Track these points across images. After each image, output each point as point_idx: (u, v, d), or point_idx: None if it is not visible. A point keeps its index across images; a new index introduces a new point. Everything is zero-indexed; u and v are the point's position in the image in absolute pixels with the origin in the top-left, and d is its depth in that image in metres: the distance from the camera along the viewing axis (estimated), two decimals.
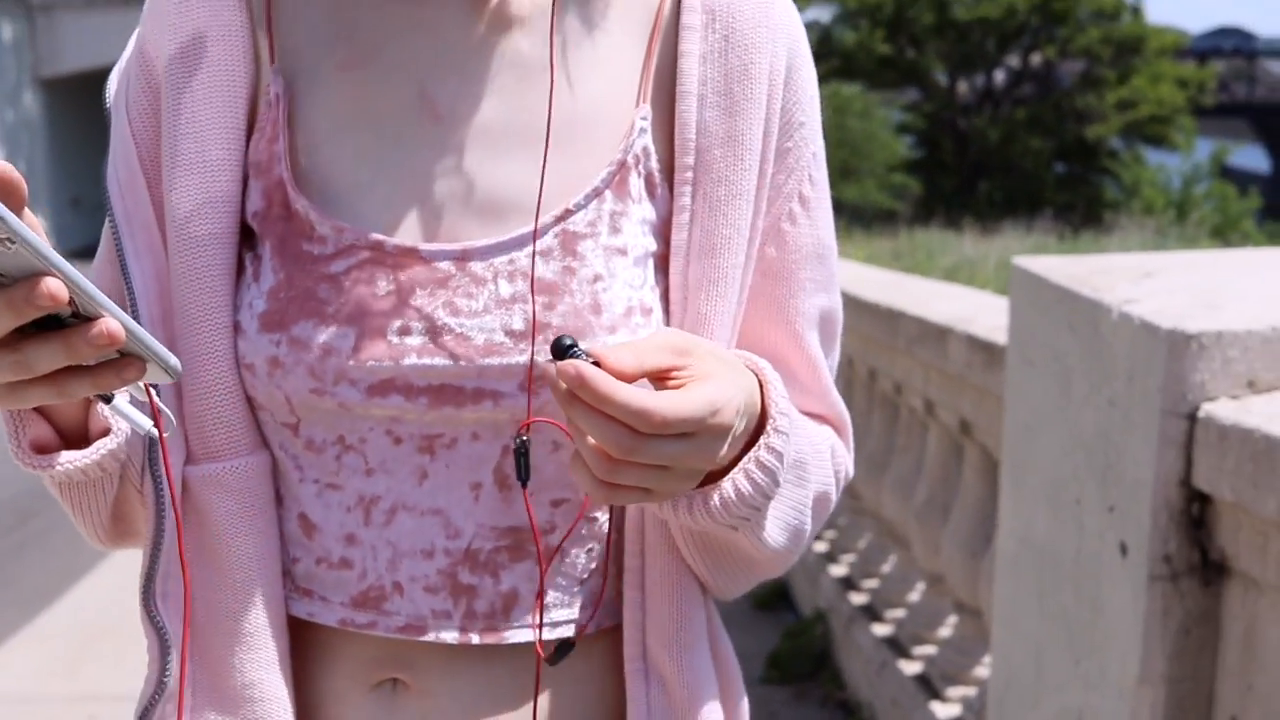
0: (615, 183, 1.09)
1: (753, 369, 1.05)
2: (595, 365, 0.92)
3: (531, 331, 1.05)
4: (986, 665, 3.71)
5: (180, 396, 1.10)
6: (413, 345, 1.05)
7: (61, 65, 28.55)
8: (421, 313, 1.06)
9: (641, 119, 1.11)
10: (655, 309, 1.10)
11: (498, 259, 1.06)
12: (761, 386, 1.04)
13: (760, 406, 1.03)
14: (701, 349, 0.99)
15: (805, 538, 1.16)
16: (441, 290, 1.06)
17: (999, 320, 3.39)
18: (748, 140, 1.10)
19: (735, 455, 1.02)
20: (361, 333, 1.06)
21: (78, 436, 1.13)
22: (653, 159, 1.11)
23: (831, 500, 1.21)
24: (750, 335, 1.15)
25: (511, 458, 1.09)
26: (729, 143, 1.09)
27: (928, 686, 4.06)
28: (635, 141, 1.10)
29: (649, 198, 1.11)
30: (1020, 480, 2.71)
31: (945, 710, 3.86)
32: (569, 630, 1.14)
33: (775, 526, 1.09)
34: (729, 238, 1.09)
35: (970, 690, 3.85)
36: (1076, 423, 2.37)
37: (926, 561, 4.14)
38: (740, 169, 1.10)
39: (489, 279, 1.06)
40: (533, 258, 1.06)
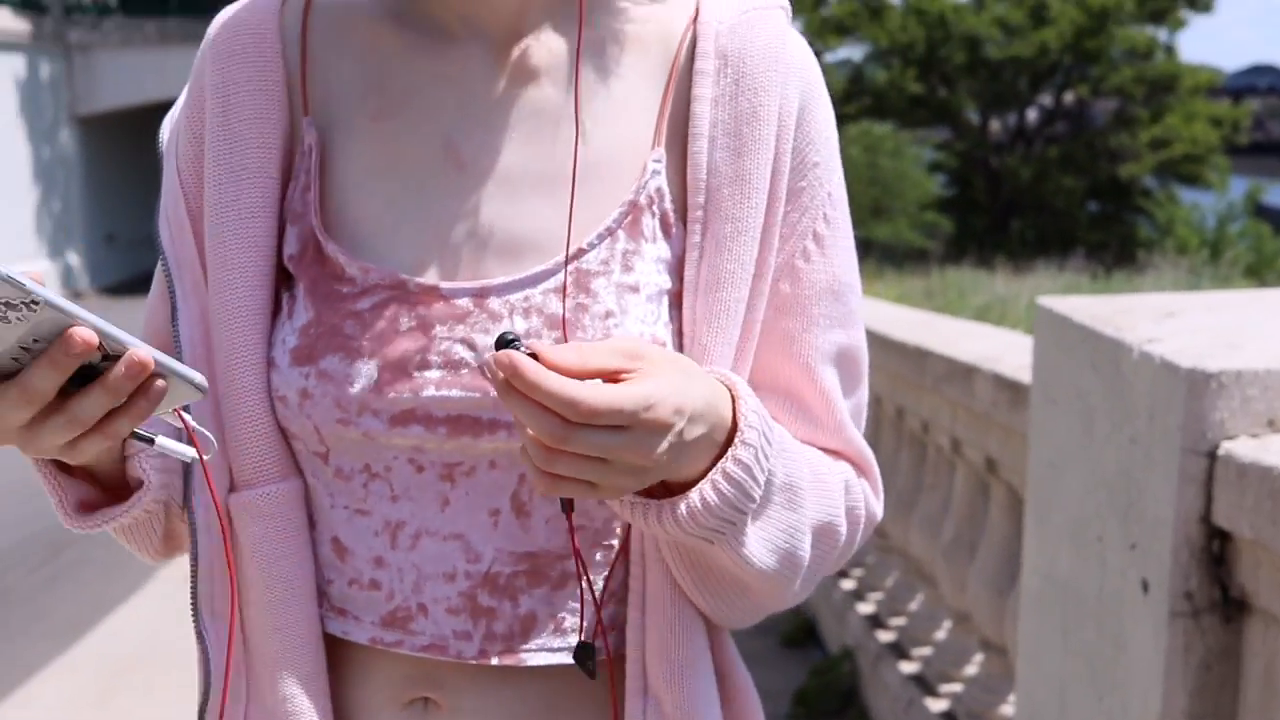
0: (628, 223, 1.13)
1: (725, 383, 1.07)
2: (533, 358, 0.96)
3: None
4: (1012, 703, 3.71)
5: (220, 429, 1.16)
6: (432, 378, 1.10)
7: (97, 103, 28.84)
8: (441, 347, 1.11)
9: (655, 161, 1.15)
10: (668, 343, 1.13)
11: (514, 296, 1.11)
12: (734, 401, 1.07)
13: (731, 420, 1.06)
14: (655, 355, 1.02)
15: (802, 565, 1.15)
16: (460, 326, 1.11)
17: (1025, 360, 3.41)
18: (755, 179, 1.13)
19: (706, 466, 1.05)
20: (384, 366, 1.11)
21: (117, 482, 1.19)
22: (667, 199, 1.15)
23: (840, 534, 1.20)
24: (764, 370, 1.17)
25: (527, 485, 1.13)
26: (736, 182, 1.13)
27: None
28: (648, 183, 1.14)
29: (664, 237, 1.15)
30: (1044, 517, 2.73)
31: None
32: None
33: (761, 547, 1.10)
34: (733, 272, 1.12)
35: None
36: (1099, 461, 2.38)
37: (953, 599, 4.15)
38: (746, 207, 1.13)
39: (505, 315, 1.11)
40: (564, 290, 1.11)
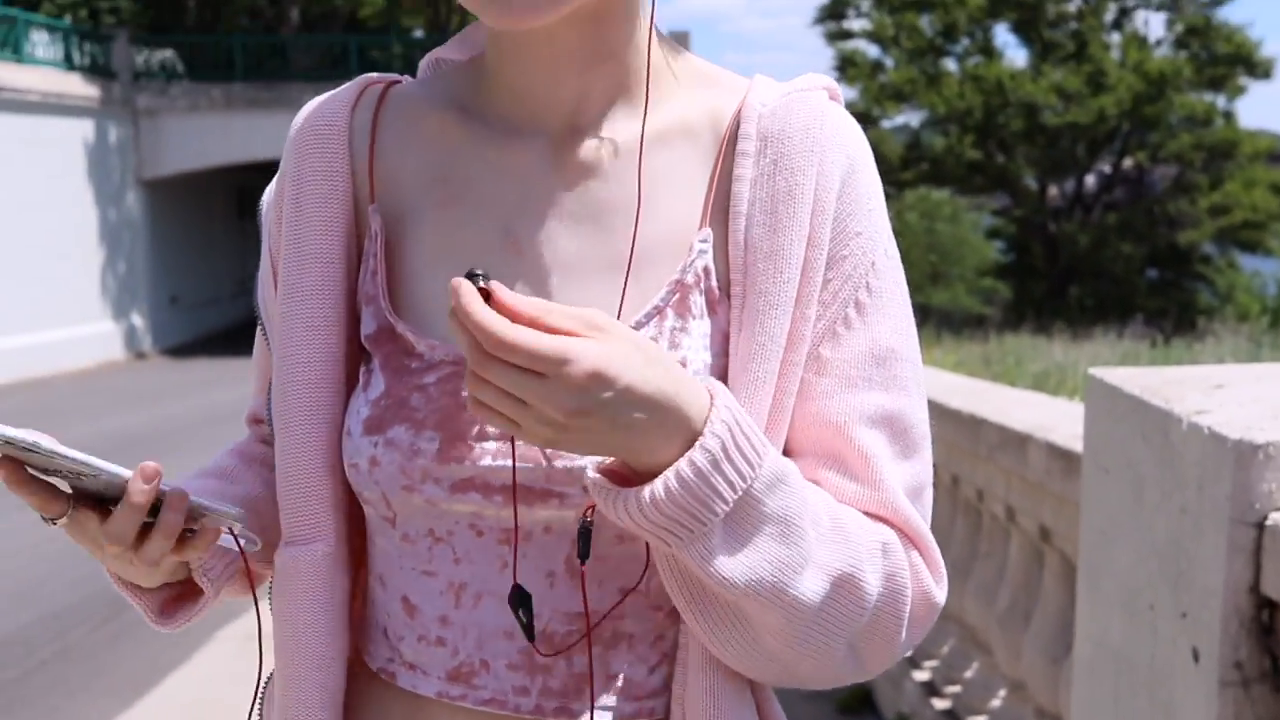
0: (675, 301, 1.19)
1: (708, 389, 1.09)
2: (485, 294, 1.02)
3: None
4: None
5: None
6: (489, 449, 1.17)
7: (163, 167, 29.29)
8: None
9: (701, 241, 1.20)
10: None
11: None
12: (713, 402, 1.08)
13: (704, 424, 1.07)
14: (617, 331, 1.04)
15: (803, 608, 1.12)
16: None
17: (1078, 429, 3.43)
18: (788, 254, 1.17)
19: (672, 462, 1.07)
20: (445, 437, 1.18)
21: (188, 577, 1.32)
22: (713, 277, 1.20)
23: (866, 593, 1.15)
24: (804, 433, 1.20)
25: (579, 549, 1.18)
26: (770, 257, 1.17)
27: None
28: (695, 262, 1.20)
29: (710, 314, 1.20)
30: (1096, 586, 2.75)
31: None
32: (632, 712, 1.22)
33: (736, 566, 1.09)
34: (763, 345, 1.16)
35: None
36: (1150, 529, 2.41)
37: (1008, 667, 4.15)
38: (779, 281, 1.16)
39: None
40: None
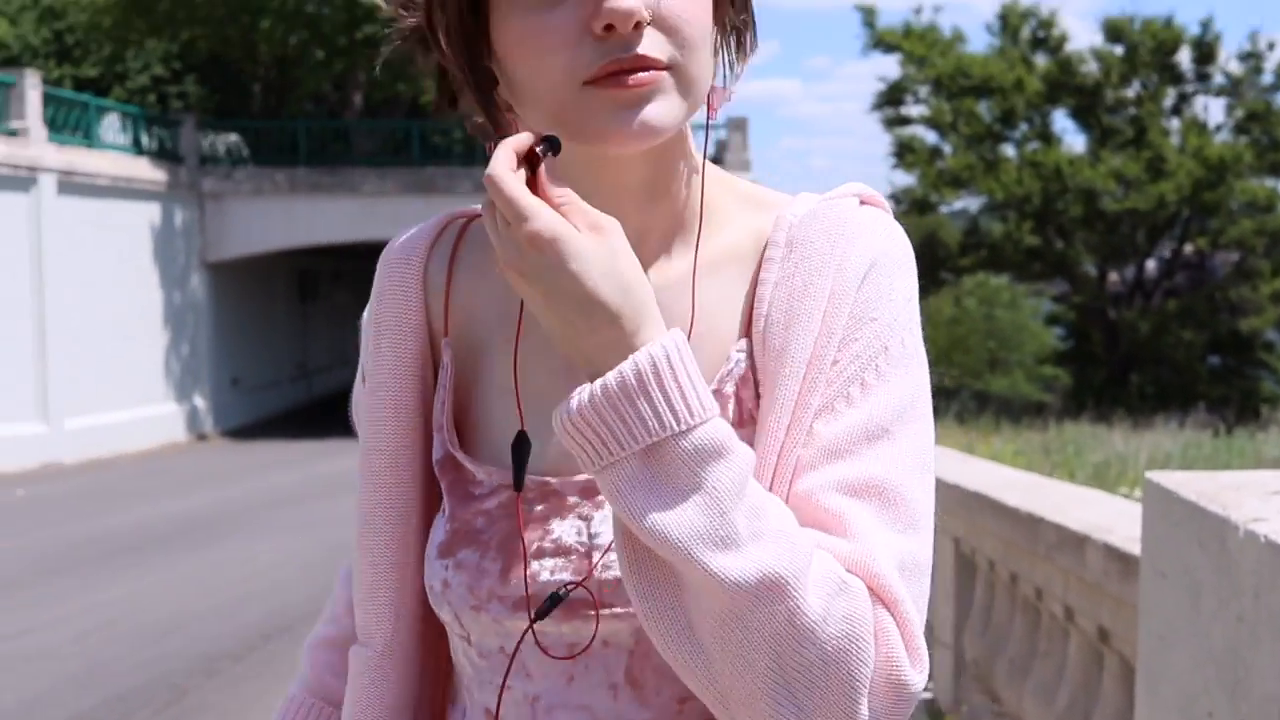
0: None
1: (668, 333, 1.10)
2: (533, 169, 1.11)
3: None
4: None
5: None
6: (546, 565, 1.23)
7: (227, 250, 29.71)
8: (553, 536, 1.24)
9: (737, 352, 1.24)
10: None
11: None
12: (657, 339, 1.09)
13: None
14: (608, 236, 1.09)
15: (721, 589, 1.07)
16: (570, 516, 1.25)
17: (1136, 530, 3.42)
18: (795, 351, 1.19)
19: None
20: (507, 556, 1.25)
21: None
22: (750, 384, 1.24)
23: (800, 610, 1.08)
24: (792, 495, 1.18)
25: (638, 659, 1.22)
26: (780, 355, 1.20)
27: None
28: (732, 371, 1.23)
29: (750, 421, 1.23)
30: (1154, 690, 2.74)
31: None
32: None
33: (647, 510, 1.07)
34: (764, 441, 1.18)
35: None
36: (1207, 636, 2.40)
37: None
38: (782, 377, 1.19)
39: (606, 504, 1.22)
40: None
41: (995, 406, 30.96)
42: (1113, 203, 36.93)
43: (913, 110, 39.79)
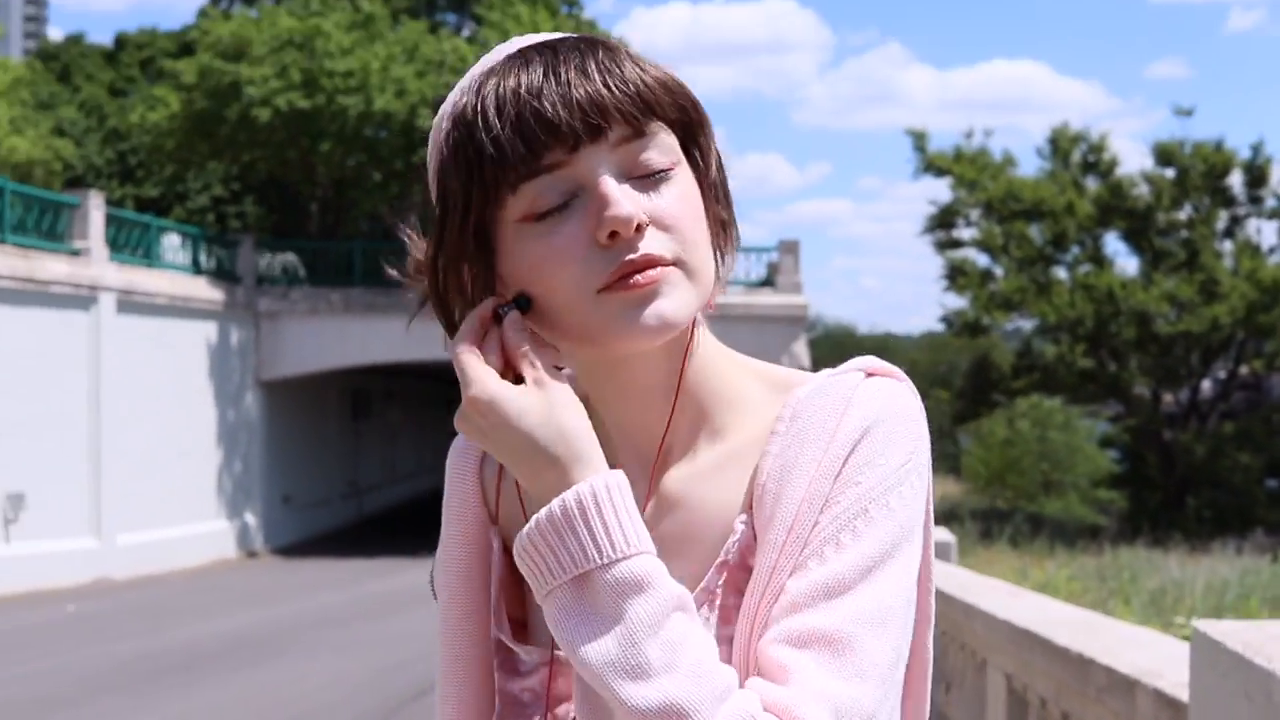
0: (725, 581, 1.27)
1: (603, 474, 1.19)
2: (497, 318, 1.25)
3: None
4: None
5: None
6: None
7: (281, 369, 30.03)
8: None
9: (740, 523, 1.28)
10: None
11: None
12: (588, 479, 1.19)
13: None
14: (547, 386, 1.21)
15: (627, 707, 1.14)
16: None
17: (1186, 675, 3.39)
18: (781, 517, 1.23)
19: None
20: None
21: None
22: (754, 550, 1.27)
23: None
24: (756, 649, 1.22)
25: None
26: (769, 523, 1.24)
27: None
28: (737, 541, 1.27)
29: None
30: None
31: None
32: None
33: (576, 638, 1.16)
34: (747, 600, 1.23)
35: None
36: None
37: None
38: (765, 543, 1.24)
39: None
40: None
41: (1049, 529, 30.69)
42: (1166, 325, 36.77)
43: (964, 233, 39.85)
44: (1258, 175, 38.40)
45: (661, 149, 1.25)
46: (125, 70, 43.46)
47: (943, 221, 39.60)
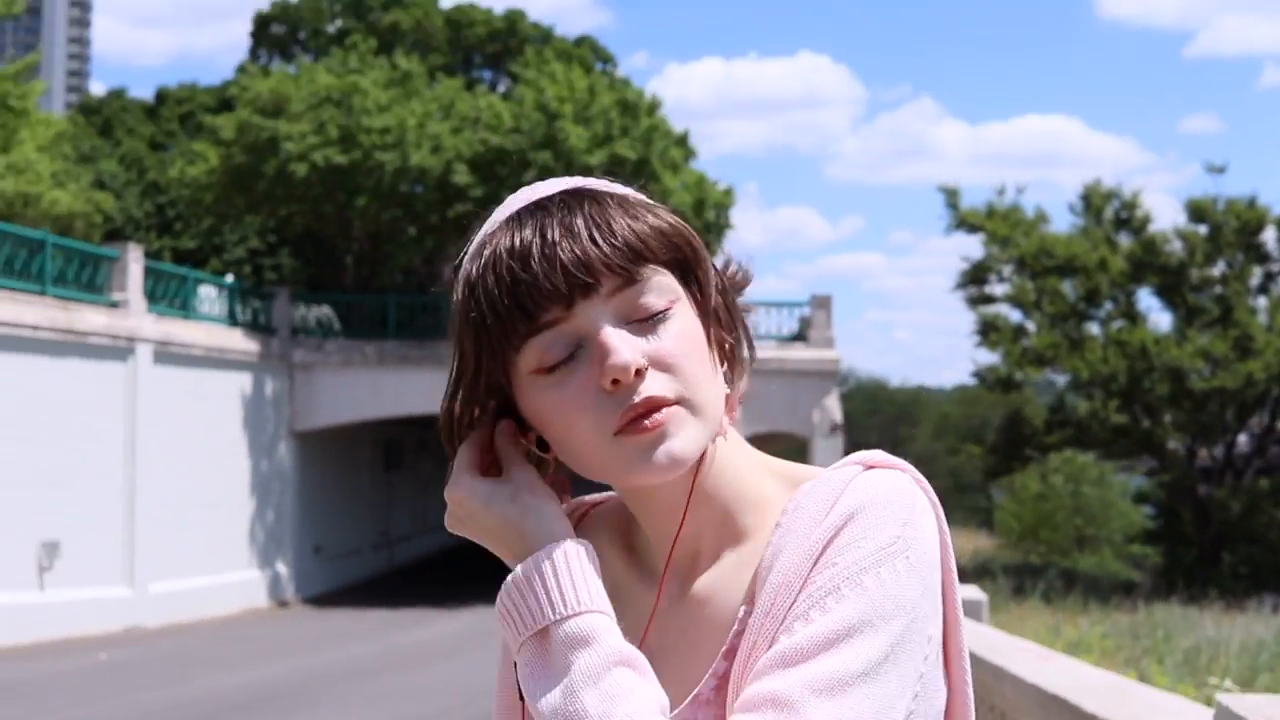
0: (723, 671, 1.33)
1: (559, 544, 1.29)
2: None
3: None
4: None
5: None
6: None
7: (314, 420, 30.19)
8: None
9: (743, 612, 1.34)
10: None
11: None
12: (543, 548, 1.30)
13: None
14: (515, 479, 1.34)
15: None
16: None
17: None
18: (762, 603, 1.30)
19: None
20: None
21: None
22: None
23: None
24: None
25: None
26: (758, 608, 1.31)
27: None
28: (735, 631, 1.34)
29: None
30: None
31: None
32: None
33: (534, 690, 1.25)
34: (729, 688, 1.30)
35: None
36: None
37: None
38: (750, 627, 1.30)
39: None
40: None
41: (1083, 585, 30.45)
42: (1200, 381, 36.56)
43: (996, 289, 39.80)
44: None
45: (658, 291, 1.32)
46: (165, 124, 43.95)
47: (975, 277, 39.52)
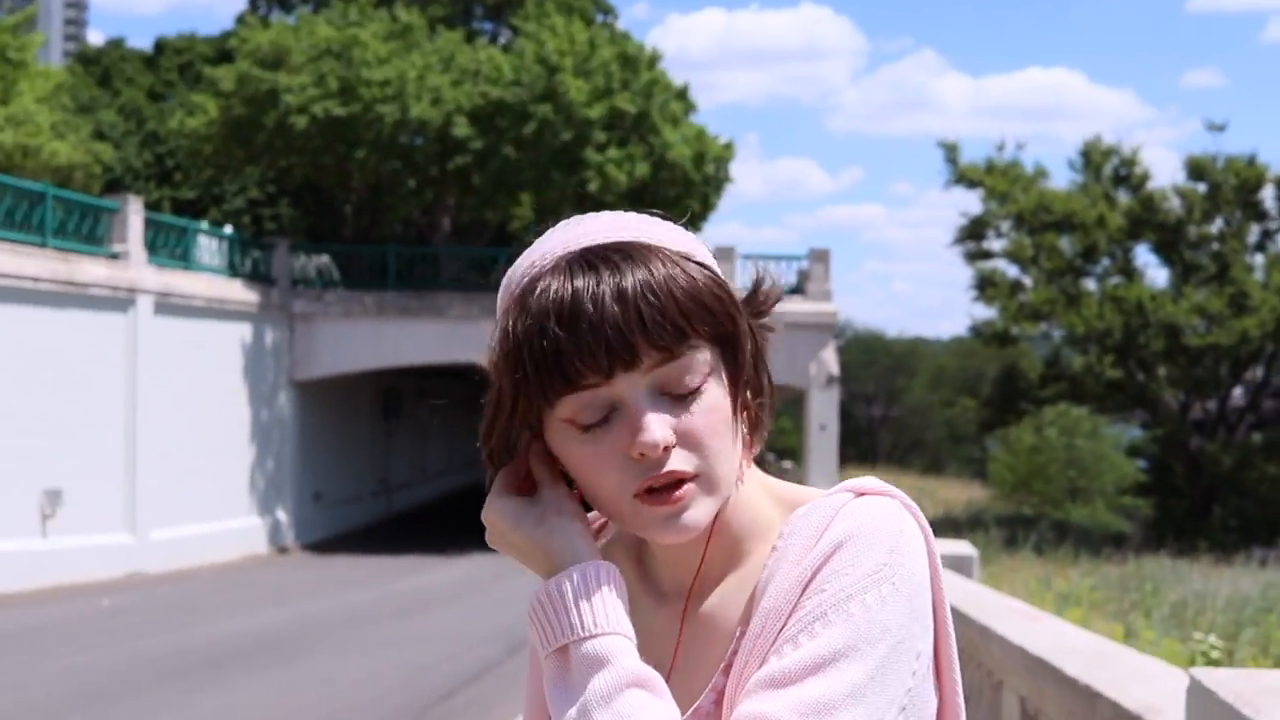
0: (722, 685, 1.43)
1: (580, 565, 1.37)
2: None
3: None
4: None
5: None
6: None
7: (314, 369, 30.25)
8: None
9: (739, 633, 1.43)
10: None
11: None
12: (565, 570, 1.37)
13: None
14: (543, 497, 1.41)
15: None
16: None
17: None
18: (754, 626, 1.39)
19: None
20: None
21: None
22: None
23: None
24: None
25: None
26: (749, 633, 1.40)
27: None
28: (731, 651, 1.43)
29: None
30: None
31: None
32: None
33: (555, 702, 1.33)
34: (724, 707, 1.40)
35: None
36: None
37: None
38: (742, 649, 1.40)
39: None
40: None
41: (1074, 537, 30.66)
42: (1195, 337, 36.69)
43: (994, 244, 39.83)
44: None
45: (694, 369, 1.37)
46: (164, 75, 43.74)
47: (973, 233, 39.55)
